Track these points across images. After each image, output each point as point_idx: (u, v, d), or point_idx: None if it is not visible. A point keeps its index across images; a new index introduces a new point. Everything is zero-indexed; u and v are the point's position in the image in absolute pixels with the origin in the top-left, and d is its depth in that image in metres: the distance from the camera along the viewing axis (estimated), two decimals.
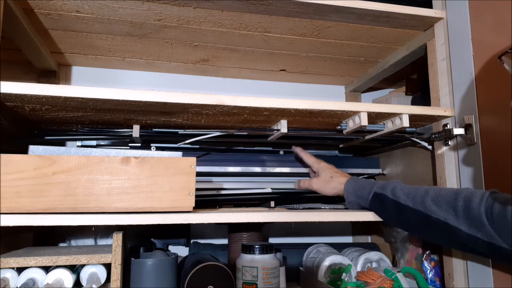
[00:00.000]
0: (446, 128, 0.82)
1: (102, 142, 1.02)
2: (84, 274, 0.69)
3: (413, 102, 1.13)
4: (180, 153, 0.77)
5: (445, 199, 0.64)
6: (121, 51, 1.04)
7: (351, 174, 1.22)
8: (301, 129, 0.95)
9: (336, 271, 0.86)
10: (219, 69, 1.19)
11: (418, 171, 1.00)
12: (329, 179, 0.86)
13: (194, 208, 0.68)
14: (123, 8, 0.81)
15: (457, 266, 0.78)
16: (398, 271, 0.81)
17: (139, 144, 1.00)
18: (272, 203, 0.99)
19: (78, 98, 0.67)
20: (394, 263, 1.01)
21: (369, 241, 1.24)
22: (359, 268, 0.90)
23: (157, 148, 0.98)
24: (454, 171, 0.80)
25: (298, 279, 0.97)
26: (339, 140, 1.05)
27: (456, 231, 0.61)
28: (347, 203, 0.82)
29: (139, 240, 1.01)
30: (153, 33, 0.93)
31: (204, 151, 1.04)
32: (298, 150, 0.98)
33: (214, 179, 1.02)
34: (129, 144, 1.01)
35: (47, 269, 0.67)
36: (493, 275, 0.69)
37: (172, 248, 1.11)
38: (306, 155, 0.95)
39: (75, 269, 0.70)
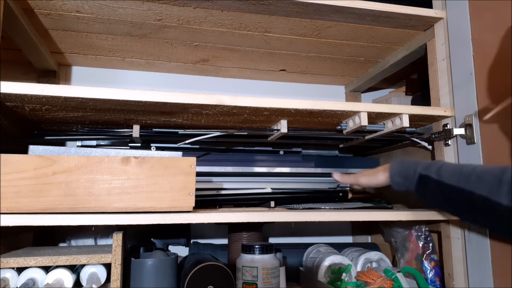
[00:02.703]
0: (446, 128, 0.82)
1: (102, 142, 1.02)
2: (84, 274, 0.69)
3: (413, 102, 1.13)
4: (180, 153, 0.77)
5: (491, 173, 0.61)
6: (121, 51, 1.04)
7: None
8: (301, 129, 0.95)
9: (336, 271, 0.86)
10: (219, 69, 1.19)
11: None
12: (373, 170, 0.82)
13: (194, 208, 0.68)
14: (123, 8, 0.81)
15: (457, 266, 0.78)
16: (398, 271, 0.81)
17: (139, 144, 1.00)
18: (272, 203, 0.99)
19: (78, 98, 0.67)
20: (394, 263, 1.01)
21: (369, 241, 1.24)
22: (359, 268, 0.90)
23: (157, 148, 0.98)
24: None
25: (298, 279, 0.97)
26: (339, 140, 1.05)
27: (497, 207, 0.58)
28: (392, 184, 0.77)
29: (139, 240, 1.01)
30: (153, 33, 0.93)
31: (204, 151, 1.04)
32: (336, 177, 0.90)
33: (214, 179, 1.02)
34: (129, 144, 1.01)
35: (47, 269, 0.67)
36: (493, 275, 0.69)
37: (172, 248, 1.11)
38: (343, 177, 0.88)
39: (75, 269, 0.70)
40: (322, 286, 0.83)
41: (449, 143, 0.82)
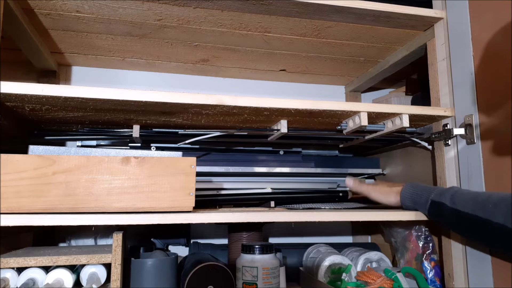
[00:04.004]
0: (446, 128, 0.82)
1: (102, 142, 1.02)
2: (84, 274, 0.69)
3: (413, 102, 1.13)
4: (180, 153, 0.77)
5: (505, 200, 0.61)
6: (121, 51, 1.04)
7: (351, 174, 1.23)
8: (301, 129, 0.95)
9: (336, 271, 0.86)
10: (219, 69, 1.19)
11: (418, 171, 1.00)
12: (387, 189, 0.83)
13: (194, 208, 0.68)
14: (123, 8, 0.81)
15: (457, 266, 0.78)
16: (398, 271, 0.81)
17: (139, 144, 1.00)
18: (272, 203, 0.99)
19: (78, 98, 0.67)
20: (394, 263, 1.01)
21: (369, 241, 1.24)
22: (359, 268, 0.90)
23: (157, 148, 0.98)
24: (454, 171, 0.80)
25: (298, 279, 0.97)
26: (339, 140, 1.05)
27: None
28: (403, 207, 0.80)
29: (139, 240, 1.01)
30: (153, 33, 0.93)
31: (204, 151, 1.04)
32: (349, 183, 0.90)
33: (214, 179, 1.02)
34: (129, 144, 1.01)
35: (47, 269, 0.67)
36: (493, 275, 0.69)
37: (172, 248, 1.11)
38: (356, 185, 0.88)
39: (75, 269, 0.70)
40: (322, 286, 0.83)
41: (449, 143, 0.82)
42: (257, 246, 0.74)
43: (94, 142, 1.01)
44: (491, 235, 0.63)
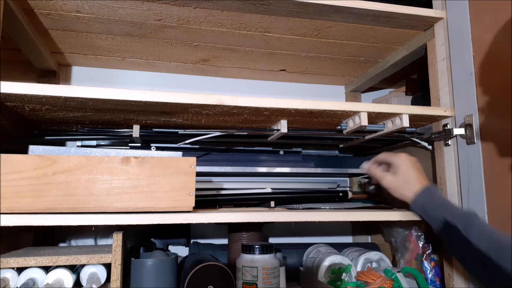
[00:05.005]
0: (446, 128, 0.82)
1: (102, 142, 1.02)
2: (84, 274, 0.69)
3: (413, 102, 1.13)
4: (180, 153, 0.77)
5: None
6: (121, 51, 1.04)
7: (351, 174, 1.23)
8: (301, 129, 0.95)
9: (336, 271, 0.86)
10: (219, 69, 1.19)
11: None
12: (402, 184, 0.78)
13: (194, 208, 0.68)
14: (123, 8, 0.81)
15: (457, 266, 0.78)
16: (398, 271, 0.81)
17: (139, 144, 1.00)
18: (272, 203, 0.99)
19: (78, 98, 0.67)
20: (394, 263, 1.01)
21: (369, 241, 1.24)
22: (359, 268, 0.90)
23: (157, 148, 0.98)
24: (454, 171, 0.80)
25: (298, 279, 0.97)
26: (339, 140, 1.05)
27: None
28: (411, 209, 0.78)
29: (139, 240, 1.01)
30: (153, 33, 0.93)
31: (204, 151, 1.04)
32: (366, 165, 0.89)
33: (214, 179, 1.02)
34: (129, 144, 1.01)
35: (47, 269, 0.67)
36: None
37: (172, 248, 1.11)
38: (371, 169, 0.86)
39: (75, 269, 0.70)
40: (322, 286, 0.83)
41: (449, 143, 0.82)
42: (257, 246, 0.74)
43: (94, 142, 1.01)
44: (498, 280, 0.60)
